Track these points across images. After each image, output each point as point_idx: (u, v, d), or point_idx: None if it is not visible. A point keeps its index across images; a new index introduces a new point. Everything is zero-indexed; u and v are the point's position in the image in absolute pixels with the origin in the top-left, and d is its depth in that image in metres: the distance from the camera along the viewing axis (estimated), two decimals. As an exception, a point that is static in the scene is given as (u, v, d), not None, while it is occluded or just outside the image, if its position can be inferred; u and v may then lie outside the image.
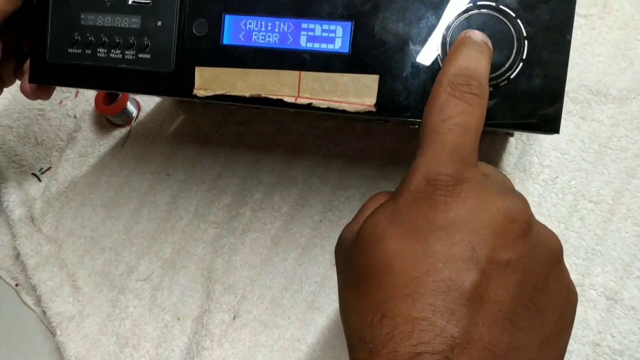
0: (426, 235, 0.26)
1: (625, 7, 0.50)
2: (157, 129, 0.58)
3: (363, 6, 0.35)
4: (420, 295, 0.25)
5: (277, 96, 0.37)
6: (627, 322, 0.46)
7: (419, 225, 0.27)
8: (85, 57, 0.39)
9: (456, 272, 0.25)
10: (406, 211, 0.28)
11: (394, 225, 0.28)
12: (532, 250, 0.27)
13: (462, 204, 0.27)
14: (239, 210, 0.55)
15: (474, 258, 0.26)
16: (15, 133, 0.61)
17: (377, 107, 0.36)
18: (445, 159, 0.28)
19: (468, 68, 0.29)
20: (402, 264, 0.26)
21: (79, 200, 0.59)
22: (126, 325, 0.55)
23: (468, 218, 0.26)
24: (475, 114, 0.29)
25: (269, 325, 0.52)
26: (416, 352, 0.24)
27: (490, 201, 0.27)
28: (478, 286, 0.25)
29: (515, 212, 0.27)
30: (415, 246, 0.26)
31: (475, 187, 0.27)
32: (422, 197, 0.27)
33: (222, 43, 0.37)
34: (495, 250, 0.26)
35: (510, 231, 0.26)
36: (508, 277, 0.26)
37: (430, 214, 0.27)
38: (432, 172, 0.27)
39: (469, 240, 0.26)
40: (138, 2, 0.38)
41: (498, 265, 0.26)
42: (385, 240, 0.27)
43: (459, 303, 0.25)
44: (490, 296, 0.25)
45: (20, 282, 0.59)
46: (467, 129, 0.28)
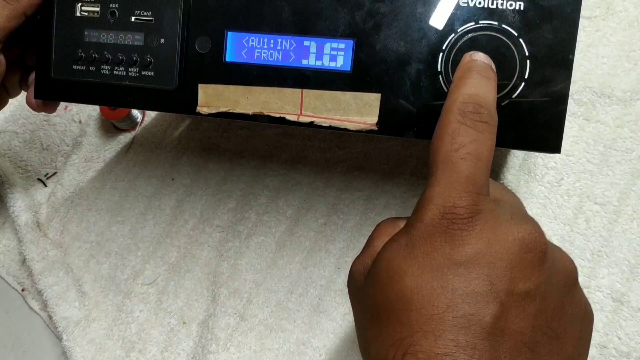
0: (444, 271, 0.26)
1: (629, 9, 0.50)
2: (162, 134, 0.58)
3: (365, 24, 0.36)
4: (442, 331, 0.25)
5: (280, 114, 0.37)
6: (633, 324, 0.46)
7: (435, 260, 0.27)
8: (89, 73, 0.39)
9: (476, 307, 0.25)
10: (421, 246, 0.27)
11: (409, 260, 0.27)
12: (549, 278, 0.27)
13: (479, 237, 0.27)
14: (244, 214, 0.55)
15: (492, 292, 0.26)
16: (21, 139, 0.61)
17: (379, 126, 0.36)
18: (459, 190, 0.27)
19: (477, 95, 0.29)
20: (421, 301, 0.26)
21: (84, 205, 0.59)
22: (132, 329, 0.55)
23: (485, 252, 0.26)
24: (487, 142, 0.28)
25: (274, 329, 0.52)
26: None
27: (506, 232, 0.27)
28: (498, 319, 0.25)
29: (530, 241, 0.27)
30: (433, 282, 0.26)
31: (491, 218, 0.27)
32: (437, 231, 0.27)
33: (225, 60, 0.38)
34: (513, 282, 0.26)
35: (527, 261, 0.26)
36: (527, 307, 0.26)
37: (447, 249, 0.27)
38: (448, 205, 0.27)
39: (487, 274, 0.26)
40: (141, 20, 0.38)
41: (517, 296, 0.26)
42: (402, 277, 0.27)
43: (480, 337, 0.25)
44: (511, 328, 0.26)
45: (26, 287, 0.59)
46: (480, 157, 0.28)
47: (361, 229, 0.52)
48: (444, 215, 0.27)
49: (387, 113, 0.36)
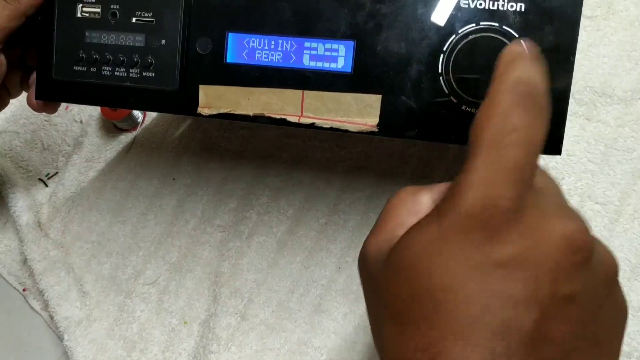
0: (483, 272, 0.24)
1: (629, 8, 0.50)
2: (163, 134, 0.58)
3: (366, 25, 0.35)
4: (477, 338, 0.23)
5: (281, 115, 0.37)
6: (635, 323, 0.46)
7: (473, 258, 0.24)
8: (90, 74, 0.39)
9: (516, 312, 0.23)
10: (457, 239, 0.24)
11: (443, 256, 0.24)
12: (593, 279, 0.25)
13: (523, 235, 0.24)
14: (245, 213, 0.55)
15: (534, 297, 0.23)
16: (22, 139, 0.61)
17: (379, 127, 0.36)
18: (506, 179, 0.24)
19: (531, 78, 0.26)
20: (455, 303, 0.23)
21: (85, 205, 0.59)
22: (133, 329, 0.55)
23: (529, 252, 0.24)
24: (542, 130, 0.25)
25: (275, 329, 0.52)
26: None
27: (552, 230, 0.24)
28: (540, 326, 0.23)
29: (577, 240, 0.24)
30: (470, 283, 0.24)
31: (536, 214, 0.24)
32: (476, 224, 0.24)
33: (225, 61, 0.37)
34: (557, 284, 0.23)
35: (573, 263, 0.24)
36: (570, 312, 0.24)
37: (488, 247, 0.24)
38: (491, 195, 0.24)
39: (530, 276, 0.23)
40: (142, 21, 0.38)
41: (560, 301, 0.23)
42: (434, 274, 0.24)
43: (520, 345, 0.23)
44: (552, 335, 0.23)
45: (27, 287, 0.59)
46: (532, 144, 0.25)
47: (362, 229, 0.52)
48: (485, 207, 0.24)
49: (388, 114, 0.36)
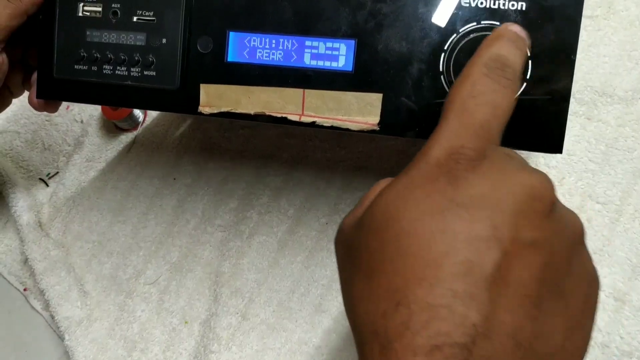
0: (445, 214, 0.24)
1: (630, 8, 0.50)
2: (163, 134, 0.58)
3: (367, 24, 0.35)
4: (439, 279, 0.23)
5: (282, 114, 0.37)
6: (635, 323, 0.46)
7: (437, 202, 0.25)
8: (91, 73, 0.39)
9: (477, 253, 0.23)
10: (423, 186, 0.25)
11: (409, 202, 0.25)
12: (557, 231, 0.25)
13: (484, 180, 0.25)
14: (245, 213, 0.55)
15: (495, 237, 0.23)
16: (23, 138, 0.61)
17: (380, 126, 0.36)
18: (470, 133, 0.26)
19: (504, 56, 0.28)
20: (419, 246, 0.24)
21: (86, 204, 0.59)
22: (134, 329, 0.55)
23: (490, 195, 0.24)
24: (507, 97, 0.27)
25: (276, 329, 0.52)
26: (435, 344, 0.22)
27: (514, 178, 0.25)
28: (500, 268, 0.23)
29: (539, 189, 0.25)
30: (433, 225, 0.24)
31: (499, 164, 0.26)
32: (441, 172, 0.25)
33: (226, 60, 0.37)
34: (519, 229, 0.24)
35: (535, 210, 0.24)
36: (532, 258, 0.24)
37: (450, 191, 0.25)
38: (456, 145, 0.26)
39: (490, 218, 0.24)
40: (143, 20, 0.38)
41: (521, 245, 0.24)
42: (400, 219, 0.25)
43: (480, 287, 0.23)
44: (513, 279, 0.23)
45: (28, 286, 0.59)
46: (497, 108, 0.27)
47: (363, 229, 0.52)
48: (450, 155, 0.25)
49: (388, 113, 0.36)
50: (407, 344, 0.23)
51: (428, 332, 0.22)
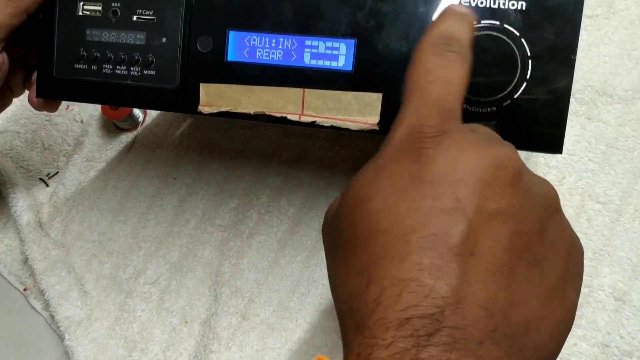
0: (409, 191, 0.25)
1: (630, 7, 0.50)
2: (163, 133, 0.58)
3: (367, 24, 0.36)
4: (407, 254, 0.24)
5: (281, 114, 0.37)
6: (635, 322, 0.46)
7: (402, 180, 0.25)
8: (91, 72, 0.39)
9: (441, 226, 0.24)
10: (389, 167, 0.26)
11: (376, 183, 0.26)
12: (525, 199, 0.25)
13: (446, 154, 0.25)
14: (245, 213, 0.55)
15: (459, 209, 0.24)
16: (23, 138, 0.61)
17: (380, 126, 0.36)
18: (428, 111, 0.27)
19: (448, 31, 0.29)
20: (387, 223, 0.25)
21: (86, 204, 0.59)
22: (134, 328, 0.55)
23: (452, 169, 0.25)
24: (456, 70, 0.28)
25: (276, 328, 0.52)
26: (405, 317, 0.23)
27: (475, 150, 0.25)
28: (466, 239, 0.24)
29: (502, 159, 0.25)
30: (400, 202, 0.25)
31: (460, 138, 0.26)
32: (404, 151, 0.26)
33: (226, 60, 0.38)
34: (483, 199, 0.24)
35: (498, 179, 0.25)
36: (499, 227, 0.24)
37: (414, 168, 0.25)
38: (416, 124, 0.26)
39: (452, 191, 0.24)
40: (143, 19, 0.38)
41: (487, 214, 0.24)
42: (369, 200, 0.26)
43: (446, 259, 0.23)
44: (482, 249, 0.24)
45: (28, 286, 0.59)
46: (449, 82, 0.28)
47: (363, 228, 0.52)
48: (410, 135, 0.26)
49: (388, 113, 0.36)
50: (379, 319, 0.23)
51: (398, 306, 0.23)
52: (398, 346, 0.22)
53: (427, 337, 0.22)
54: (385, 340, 0.22)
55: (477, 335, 0.23)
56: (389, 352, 0.22)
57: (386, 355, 0.22)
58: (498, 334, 0.23)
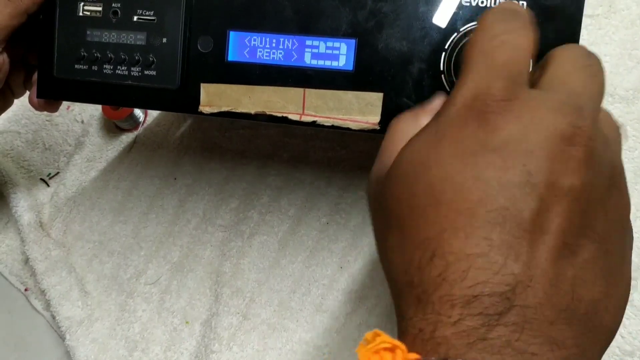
0: (477, 159, 0.23)
1: (631, 7, 0.50)
2: (164, 133, 0.58)
3: (367, 24, 0.35)
4: (474, 228, 0.22)
5: (282, 113, 0.37)
6: (637, 322, 0.46)
7: (467, 147, 0.24)
8: (91, 73, 0.39)
9: (512, 200, 0.22)
10: (452, 132, 0.25)
11: (438, 149, 0.24)
12: (595, 176, 0.23)
13: (515, 122, 0.24)
14: (246, 213, 0.55)
15: (530, 183, 0.23)
16: (24, 139, 0.61)
17: (381, 125, 0.36)
18: (495, 74, 0.25)
19: (512, 6, 0.28)
20: (452, 193, 0.23)
21: (87, 204, 0.59)
22: (135, 329, 0.55)
23: (522, 138, 0.23)
24: (524, 36, 0.26)
25: (277, 328, 0.52)
26: (473, 294, 0.22)
27: (546, 119, 0.23)
28: (537, 215, 0.22)
29: (574, 134, 0.23)
30: (465, 171, 0.23)
31: (529, 104, 0.24)
32: (469, 115, 0.24)
33: (227, 60, 0.37)
34: (555, 174, 0.23)
35: (570, 155, 0.23)
36: (569, 204, 0.23)
37: (480, 134, 0.24)
38: (482, 88, 0.25)
39: (524, 163, 0.23)
40: (143, 19, 0.38)
41: (557, 191, 0.23)
42: (430, 167, 0.24)
43: (517, 235, 0.22)
44: (551, 226, 0.22)
45: (29, 286, 0.59)
46: (517, 47, 0.26)
47: (364, 228, 0.52)
48: (476, 97, 0.24)
49: (389, 112, 0.36)
50: (444, 295, 0.22)
51: (465, 283, 0.22)
52: (465, 324, 0.21)
53: (497, 316, 0.21)
54: (451, 318, 0.22)
55: (548, 314, 0.22)
56: (455, 330, 0.22)
57: (451, 332, 0.22)
58: (570, 313, 0.22)
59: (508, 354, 0.21)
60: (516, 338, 0.21)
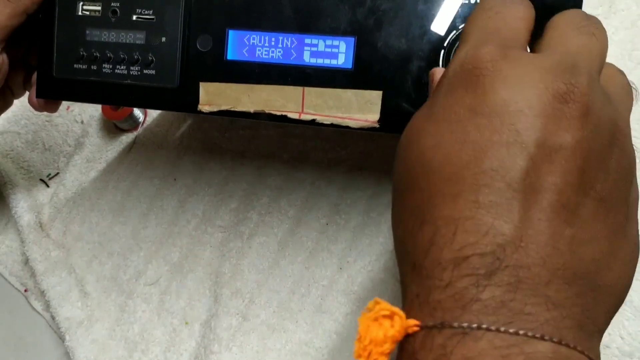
0: (464, 124, 0.23)
1: (631, 7, 0.50)
2: (163, 134, 0.58)
3: (366, 22, 0.35)
4: (462, 191, 0.22)
5: (281, 112, 0.37)
6: (636, 323, 0.46)
7: (455, 113, 0.24)
8: (91, 72, 0.39)
9: (499, 160, 0.22)
10: (442, 100, 0.25)
11: (430, 119, 0.25)
12: (593, 133, 0.23)
13: (503, 83, 0.23)
14: (246, 214, 0.55)
15: (519, 142, 0.22)
16: (24, 139, 0.61)
17: (380, 123, 0.36)
18: (485, 39, 0.25)
19: None
20: (440, 159, 0.23)
21: (86, 205, 0.59)
22: (135, 329, 0.55)
23: (510, 99, 0.23)
24: (519, 7, 0.26)
25: (276, 329, 0.52)
26: (462, 256, 0.22)
27: (537, 79, 0.23)
28: (527, 174, 0.22)
29: (568, 91, 0.23)
30: (452, 137, 0.23)
31: (520, 64, 0.24)
32: (457, 82, 0.24)
33: (226, 58, 0.38)
34: (546, 132, 0.22)
35: (563, 113, 0.22)
36: (563, 162, 0.22)
37: (468, 100, 0.24)
38: (470, 53, 0.24)
39: (511, 122, 0.22)
40: (142, 18, 0.38)
41: (549, 149, 0.22)
42: (420, 137, 0.25)
43: (506, 196, 0.22)
44: (544, 185, 0.22)
45: (29, 287, 0.59)
46: (511, 15, 0.26)
47: (363, 229, 0.52)
48: (464, 64, 0.24)
49: (388, 110, 0.36)
50: (434, 259, 0.22)
51: (454, 246, 0.22)
52: (456, 286, 0.21)
53: (487, 276, 0.21)
54: (443, 281, 0.22)
55: (543, 274, 0.21)
56: (447, 293, 0.22)
57: (445, 296, 0.22)
58: (568, 272, 0.22)
59: (503, 314, 0.21)
60: (511, 298, 0.21)
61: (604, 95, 0.24)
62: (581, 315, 0.22)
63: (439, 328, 0.21)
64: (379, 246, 0.52)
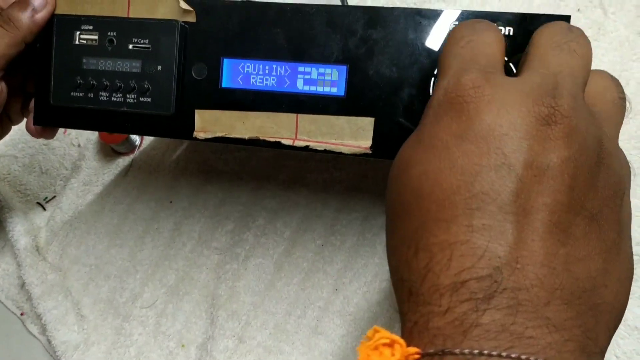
0: (451, 150, 0.24)
1: (619, 29, 0.50)
2: (160, 157, 0.59)
3: (358, 51, 0.36)
4: (454, 216, 0.22)
5: (275, 138, 0.37)
6: (631, 342, 0.46)
7: (442, 140, 0.24)
8: (87, 100, 0.40)
9: (489, 184, 0.22)
10: (428, 129, 0.25)
11: (418, 147, 0.25)
12: (579, 152, 0.23)
13: (487, 108, 0.24)
14: (241, 236, 0.55)
15: (506, 164, 0.22)
16: (21, 163, 0.62)
17: (373, 149, 0.36)
18: (464, 67, 0.25)
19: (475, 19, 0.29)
20: (429, 186, 0.24)
21: (83, 228, 0.59)
22: (131, 352, 0.55)
23: (495, 123, 0.23)
24: (490, 33, 0.27)
25: (273, 351, 0.52)
26: (459, 281, 0.22)
27: (520, 102, 0.23)
28: (517, 196, 0.22)
29: (550, 114, 0.23)
30: (441, 163, 0.24)
31: (502, 89, 0.24)
32: (443, 110, 0.25)
33: (221, 86, 0.38)
34: (532, 153, 0.23)
35: (547, 134, 0.23)
36: (552, 182, 0.22)
37: (454, 127, 0.24)
38: (453, 81, 0.25)
39: (497, 146, 0.23)
40: (138, 47, 0.39)
41: (537, 170, 0.22)
42: (410, 165, 0.25)
43: (498, 218, 0.22)
44: (535, 206, 0.22)
45: (25, 311, 0.59)
46: (484, 42, 0.27)
47: (359, 250, 0.53)
48: (447, 93, 0.25)
49: (380, 137, 0.36)
50: (431, 286, 0.22)
51: (451, 271, 0.22)
52: (456, 312, 0.21)
53: (486, 299, 0.21)
54: (442, 307, 0.22)
55: (542, 295, 0.21)
56: (447, 320, 0.22)
57: (444, 322, 0.22)
58: (566, 292, 0.22)
59: (504, 339, 0.21)
60: (511, 322, 0.21)
61: (588, 114, 0.24)
62: (582, 336, 0.22)
63: (440, 355, 0.21)
64: (375, 267, 0.52)
